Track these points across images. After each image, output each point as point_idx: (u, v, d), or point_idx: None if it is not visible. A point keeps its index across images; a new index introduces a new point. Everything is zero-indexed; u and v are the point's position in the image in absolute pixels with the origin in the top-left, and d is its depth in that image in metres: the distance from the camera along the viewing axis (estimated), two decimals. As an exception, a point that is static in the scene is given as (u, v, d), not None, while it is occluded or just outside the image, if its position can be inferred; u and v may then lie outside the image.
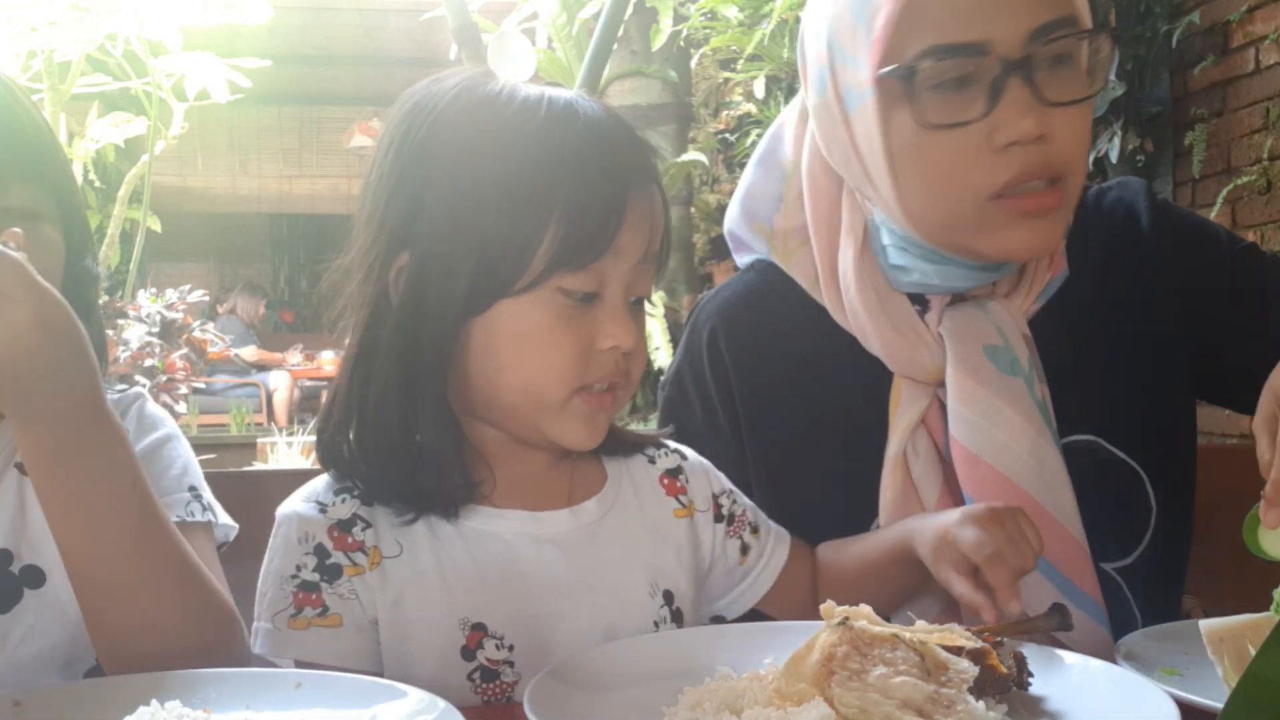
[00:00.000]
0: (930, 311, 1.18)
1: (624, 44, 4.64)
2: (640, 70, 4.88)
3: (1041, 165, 1.07)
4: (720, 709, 0.76)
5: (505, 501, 1.00)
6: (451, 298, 0.93)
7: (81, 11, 3.36)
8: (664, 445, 1.12)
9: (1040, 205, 1.08)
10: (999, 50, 1.05)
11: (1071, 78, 1.08)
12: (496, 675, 0.94)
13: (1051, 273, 1.19)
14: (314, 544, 0.95)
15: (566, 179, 0.92)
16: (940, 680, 0.73)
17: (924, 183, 1.10)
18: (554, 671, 0.83)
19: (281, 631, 0.93)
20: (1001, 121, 1.05)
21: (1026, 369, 1.14)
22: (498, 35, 3.34)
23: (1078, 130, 1.09)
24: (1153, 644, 0.90)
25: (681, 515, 1.07)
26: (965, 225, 1.10)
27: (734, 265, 1.35)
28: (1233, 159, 3.88)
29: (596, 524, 1.02)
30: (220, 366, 9.02)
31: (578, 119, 0.94)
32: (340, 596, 0.94)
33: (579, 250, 0.92)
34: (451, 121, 0.94)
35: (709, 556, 1.08)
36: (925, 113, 1.07)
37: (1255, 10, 3.72)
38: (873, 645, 0.75)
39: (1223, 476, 1.41)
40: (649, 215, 0.96)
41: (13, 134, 0.97)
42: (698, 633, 0.99)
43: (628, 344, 0.96)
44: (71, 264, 1.03)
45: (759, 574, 1.10)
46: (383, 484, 0.98)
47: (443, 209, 0.93)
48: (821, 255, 1.22)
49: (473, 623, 0.95)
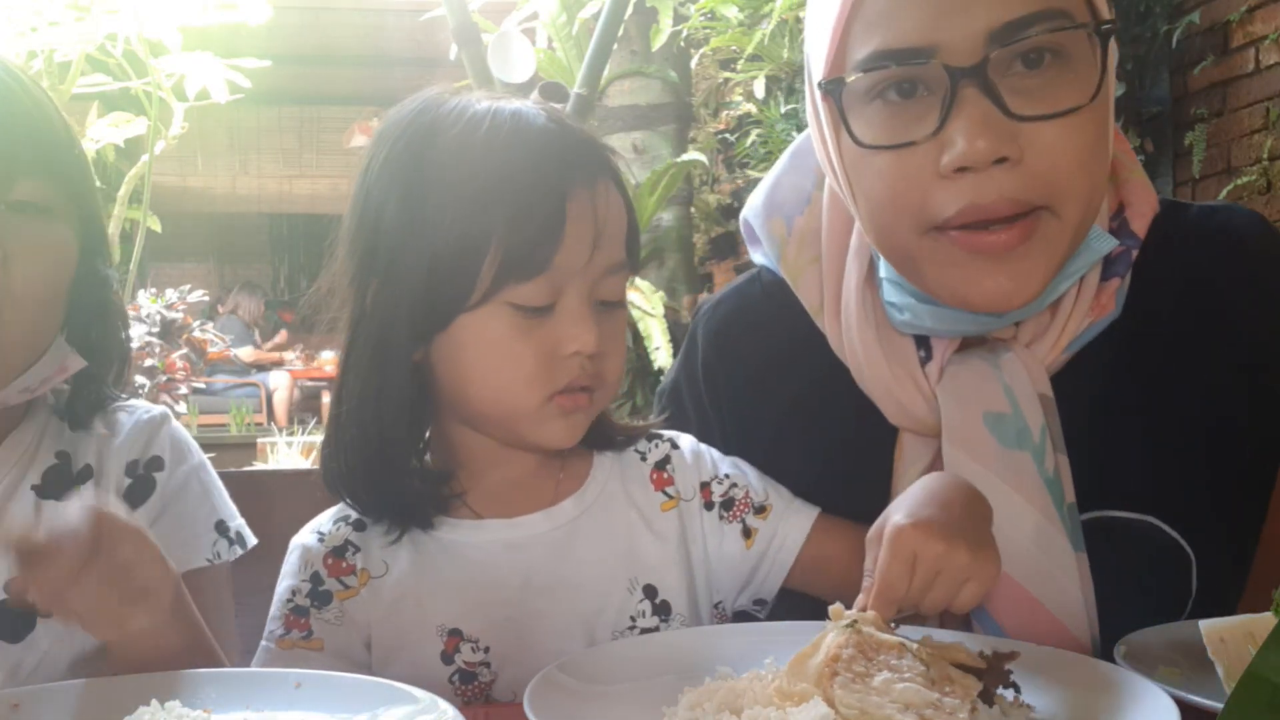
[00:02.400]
0: (932, 361, 1.02)
1: (624, 44, 4.63)
2: (640, 70, 4.87)
3: (1000, 200, 0.88)
4: (720, 709, 0.75)
5: (487, 509, 1.03)
6: (414, 315, 0.95)
7: (81, 11, 3.36)
8: (657, 436, 1.11)
9: (995, 244, 0.89)
10: (946, 55, 0.88)
11: (1057, 85, 0.89)
12: (474, 677, 0.98)
13: (1093, 316, 1.00)
14: (311, 572, 1.02)
15: (504, 193, 0.93)
16: (944, 691, 0.73)
17: (869, 207, 0.96)
18: (554, 671, 0.83)
19: (271, 650, 1.00)
20: (949, 139, 0.88)
21: (1038, 439, 0.98)
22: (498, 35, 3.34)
23: (1064, 149, 0.89)
24: (1153, 644, 0.90)
25: (669, 508, 1.06)
26: (918, 261, 0.94)
27: (733, 266, 1.28)
28: (1233, 159, 3.88)
29: (573, 523, 1.03)
30: (220, 366, 9.02)
31: (517, 132, 0.95)
32: (326, 622, 1.00)
33: (522, 264, 0.92)
34: (406, 147, 0.97)
35: (703, 545, 1.06)
36: (864, 129, 0.93)
37: (1255, 10, 3.72)
38: (879, 650, 0.75)
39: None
40: (593, 218, 0.95)
41: (20, 125, 0.95)
42: (698, 633, 0.99)
43: (590, 348, 0.96)
44: (84, 264, 1.01)
45: (774, 556, 1.06)
46: (367, 501, 1.02)
47: (398, 231, 0.95)
48: (829, 278, 1.09)
49: (449, 629, 0.99)
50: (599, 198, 0.96)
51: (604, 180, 0.98)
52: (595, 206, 0.95)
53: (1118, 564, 0.99)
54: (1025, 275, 0.91)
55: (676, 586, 1.03)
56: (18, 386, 0.95)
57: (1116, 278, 1.01)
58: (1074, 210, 0.91)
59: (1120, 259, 1.01)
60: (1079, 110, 0.89)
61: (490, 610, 0.99)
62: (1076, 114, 0.89)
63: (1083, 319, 1.00)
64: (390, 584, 1.01)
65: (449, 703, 0.76)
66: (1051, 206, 0.90)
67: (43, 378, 0.97)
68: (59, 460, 1.03)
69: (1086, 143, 0.90)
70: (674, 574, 1.04)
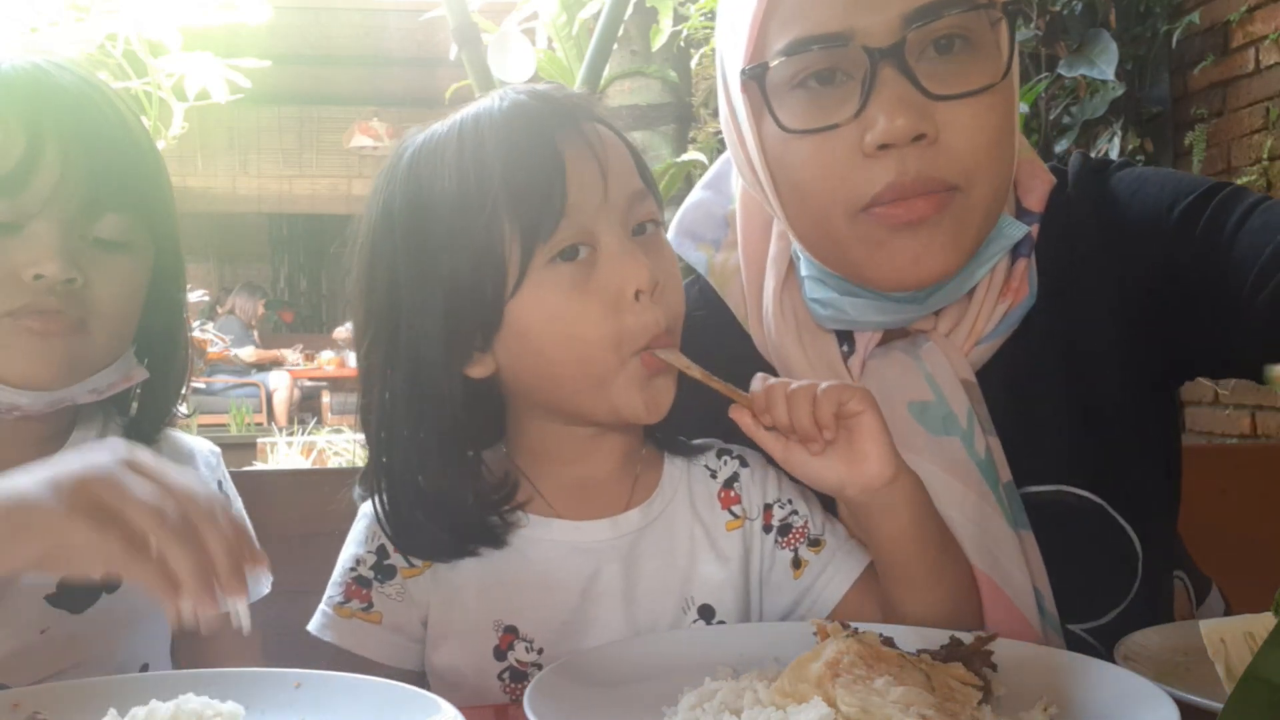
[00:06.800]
0: (855, 355, 1.06)
1: (624, 44, 4.63)
2: (640, 70, 4.87)
3: (922, 173, 0.92)
4: (720, 709, 0.76)
5: (562, 507, 1.01)
6: (455, 331, 0.94)
7: (81, 11, 3.36)
8: (727, 452, 1.08)
9: (912, 212, 0.94)
10: (864, 38, 0.92)
11: (969, 67, 0.94)
12: (524, 676, 0.97)
13: (1008, 302, 1.04)
14: (377, 544, 1.01)
15: (493, 169, 0.91)
16: (944, 697, 0.73)
17: (796, 195, 0.99)
18: (554, 671, 0.83)
19: (329, 615, 0.99)
20: (871, 120, 0.92)
21: (965, 425, 1.01)
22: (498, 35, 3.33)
23: (976, 128, 0.94)
24: (1153, 644, 0.90)
25: (734, 527, 1.04)
26: (843, 243, 0.98)
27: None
28: (1233, 159, 3.88)
29: (637, 534, 1.01)
30: (220, 366, 9.03)
31: (481, 119, 0.94)
32: (388, 596, 0.99)
33: (539, 217, 0.91)
34: (392, 194, 0.96)
35: (759, 567, 1.04)
36: (788, 117, 0.96)
37: (1255, 10, 3.72)
38: (879, 659, 0.75)
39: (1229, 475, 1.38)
40: (591, 152, 0.93)
41: (114, 159, 0.98)
42: (698, 633, 0.99)
43: (646, 281, 0.92)
44: (157, 290, 1.05)
45: (819, 593, 1.03)
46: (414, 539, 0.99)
47: (413, 267, 0.94)
48: (750, 285, 1.12)
49: (506, 625, 0.98)
50: (591, 135, 0.94)
51: (592, 123, 0.96)
52: (590, 142, 0.93)
53: (1063, 536, 1.02)
54: (940, 248, 0.96)
55: (733, 608, 1.01)
56: (88, 386, 1.00)
57: (1023, 258, 1.05)
58: (983, 190, 0.96)
59: (1024, 239, 1.05)
60: (990, 89, 0.94)
61: (548, 612, 0.98)
62: (987, 94, 0.94)
63: (995, 304, 1.04)
64: (454, 570, 0.99)
65: (450, 703, 0.76)
66: (963, 187, 0.95)
67: (110, 382, 1.02)
68: None
69: (997, 122, 0.96)
70: (732, 596, 1.01)
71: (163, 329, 1.08)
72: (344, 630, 0.98)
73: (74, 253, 0.94)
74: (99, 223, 0.97)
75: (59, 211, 0.94)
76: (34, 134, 0.92)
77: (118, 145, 0.99)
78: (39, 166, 0.93)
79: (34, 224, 0.93)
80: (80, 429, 1.06)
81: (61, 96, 0.96)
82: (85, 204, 0.95)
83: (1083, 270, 1.06)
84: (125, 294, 1.00)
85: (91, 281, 0.96)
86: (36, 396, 0.96)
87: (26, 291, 0.93)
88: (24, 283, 0.93)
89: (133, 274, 1.01)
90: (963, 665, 0.78)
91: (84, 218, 0.96)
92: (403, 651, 0.99)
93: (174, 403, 1.11)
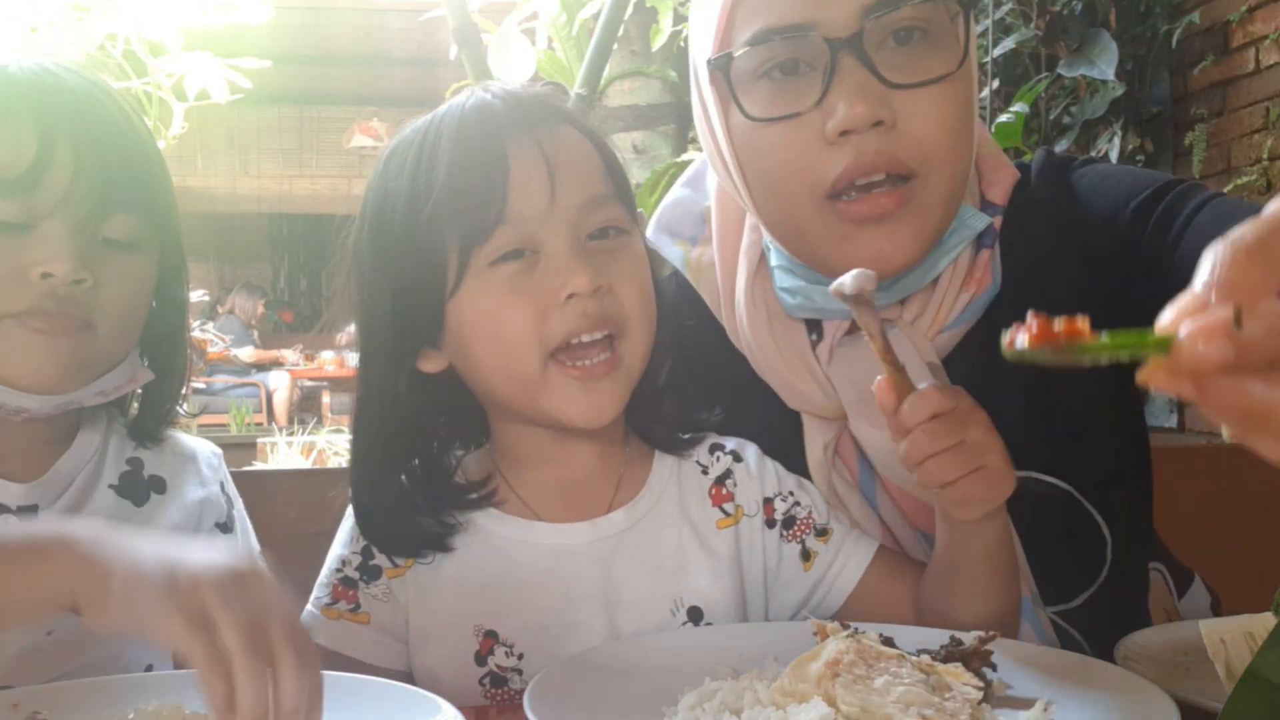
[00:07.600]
0: (823, 343, 1.08)
1: (624, 44, 4.62)
2: (640, 70, 4.87)
3: (879, 156, 0.95)
4: (720, 709, 0.76)
5: (543, 509, 1.01)
6: (402, 326, 0.96)
7: (81, 11, 3.36)
8: (720, 447, 1.07)
9: (875, 208, 0.97)
10: (825, 29, 0.95)
11: (927, 57, 0.97)
12: (505, 682, 0.96)
13: (971, 291, 1.06)
14: (362, 545, 1.01)
15: (439, 170, 0.93)
16: (944, 697, 0.73)
17: (763, 183, 1.02)
18: (554, 671, 0.83)
19: (317, 617, 0.99)
20: (832, 107, 0.95)
21: None
22: (498, 35, 3.33)
23: (933, 116, 0.97)
24: (1153, 644, 0.90)
25: (725, 525, 1.03)
26: (810, 234, 1.01)
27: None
28: (1233, 159, 3.88)
29: (619, 536, 1.00)
30: (220, 366, 9.02)
31: (446, 119, 0.96)
32: (374, 597, 0.99)
33: (477, 222, 0.91)
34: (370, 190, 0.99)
35: (763, 564, 1.03)
36: (753, 106, 0.99)
37: (1255, 10, 3.72)
38: (879, 659, 0.75)
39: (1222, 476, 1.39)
40: (542, 159, 0.93)
41: (124, 161, 0.98)
42: (698, 633, 0.98)
43: (583, 285, 0.91)
44: (162, 290, 1.05)
45: (831, 582, 1.02)
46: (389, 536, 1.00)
47: (372, 263, 0.97)
48: (723, 277, 1.14)
49: (486, 630, 0.98)
50: (547, 140, 0.94)
51: (558, 126, 0.96)
52: (544, 149, 0.93)
53: (1033, 522, 1.03)
54: (902, 239, 0.98)
55: (724, 609, 1.00)
56: (95, 389, 1.00)
57: (986, 249, 1.08)
58: (943, 178, 0.99)
59: (987, 231, 1.08)
60: (947, 78, 0.97)
61: (528, 616, 0.97)
62: (945, 83, 0.97)
63: (959, 293, 1.06)
64: (433, 570, 0.99)
65: (451, 703, 0.76)
66: (922, 175, 0.97)
67: (116, 385, 1.03)
68: (130, 466, 1.07)
69: (954, 110, 0.99)
70: (722, 596, 1.00)
71: (166, 330, 1.08)
72: (332, 631, 0.98)
73: (84, 253, 0.94)
74: (108, 223, 0.97)
75: (70, 212, 0.94)
76: (45, 135, 0.93)
77: (126, 146, 0.99)
78: (51, 167, 0.93)
79: (45, 224, 0.93)
80: (85, 431, 1.06)
81: (70, 98, 0.96)
82: (96, 204, 0.95)
83: (1046, 262, 1.09)
84: (133, 294, 1.00)
85: (100, 282, 0.96)
86: (44, 399, 0.96)
87: (33, 292, 0.93)
88: (31, 283, 0.93)
89: (140, 274, 1.01)
90: (963, 665, 0.78)
91: (94, 218, 0.96)
92: (391, 652, 0.99)
93: (175, 404, 1.11)
